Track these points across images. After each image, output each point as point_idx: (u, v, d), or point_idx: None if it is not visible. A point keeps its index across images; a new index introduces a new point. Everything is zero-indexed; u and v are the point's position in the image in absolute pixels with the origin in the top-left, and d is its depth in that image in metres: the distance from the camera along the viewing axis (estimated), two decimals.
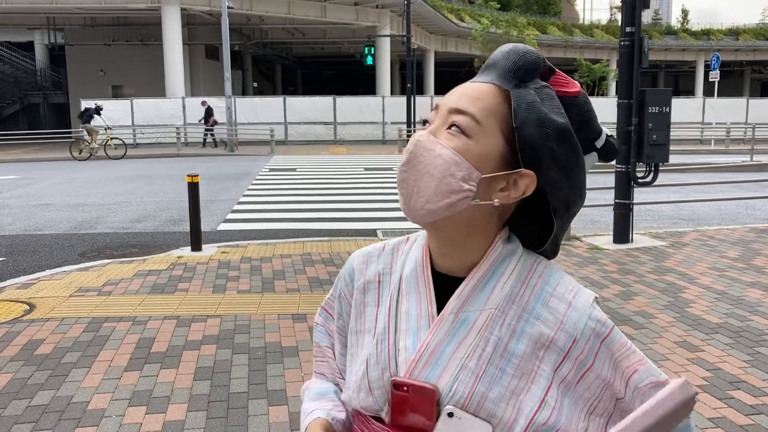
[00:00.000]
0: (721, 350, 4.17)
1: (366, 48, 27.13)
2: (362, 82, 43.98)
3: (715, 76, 25.20)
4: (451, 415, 0.89)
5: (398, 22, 32.21)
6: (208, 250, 7.16)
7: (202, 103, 24.23)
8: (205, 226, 8.24)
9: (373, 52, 27.32)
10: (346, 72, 49.15)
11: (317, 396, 1.09)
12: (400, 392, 0.92)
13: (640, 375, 0.92)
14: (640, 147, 7.10)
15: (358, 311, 1.04)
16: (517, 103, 0.90)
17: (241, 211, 10.45)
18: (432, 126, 0.94)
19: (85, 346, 4.33)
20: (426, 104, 26.88)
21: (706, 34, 47.03)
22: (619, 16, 9.91)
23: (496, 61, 0.94)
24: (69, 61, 33.27)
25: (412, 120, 24.61)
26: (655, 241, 7.47)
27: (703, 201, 10.28)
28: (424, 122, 0.96)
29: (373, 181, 14.10)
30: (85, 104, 22.64)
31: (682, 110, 25.37)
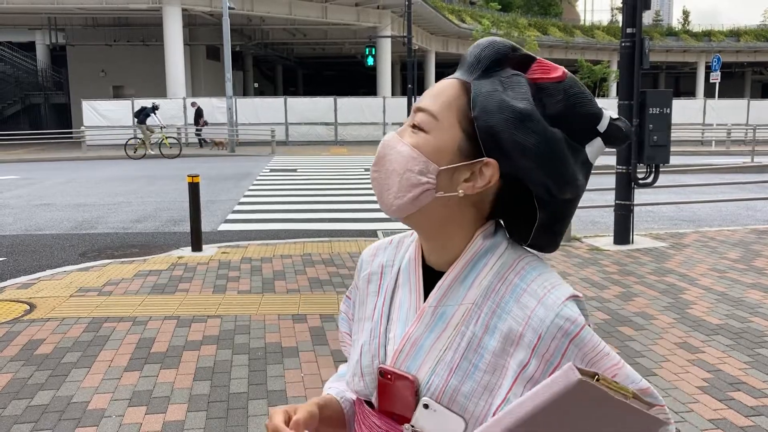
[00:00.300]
0: (722, 351, 4.17)
1: (367, 49, 27.15)
2: (363, 83, 44.01)
3: (716, 77, 25.18)
4: (427, 406, 0.92)
5: (399, 23, 32.26)
6: (209, 250, 7.16)
7: (192, 104, 24.26)
8: (205, 227, 8.24)
9: (374, 53, 27.34)
10: (347, 73, 49.18)
11: (336, 378, 1.17)
12: (385, 380, 0.96)
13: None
14: (641, 148, 7.11)
15: (362, 300, 1.08)
16: (476, 93, 0.91)
17: (242, 211, 10.45)
18: (403, 126, 0.97)
19: (86, 346, 4.33)
20: None
21: (707, 35, 47.05)
22: (620, 18, 9.94)
23: (465, 56, 0.97)
24: (70, 61, 33.28)
25: None
26: (656, 243, 7.47)
27: (704, 202, 10.28)
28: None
29: None
30: (141, 103, 22.67)
31: (683, 111, 25.36)
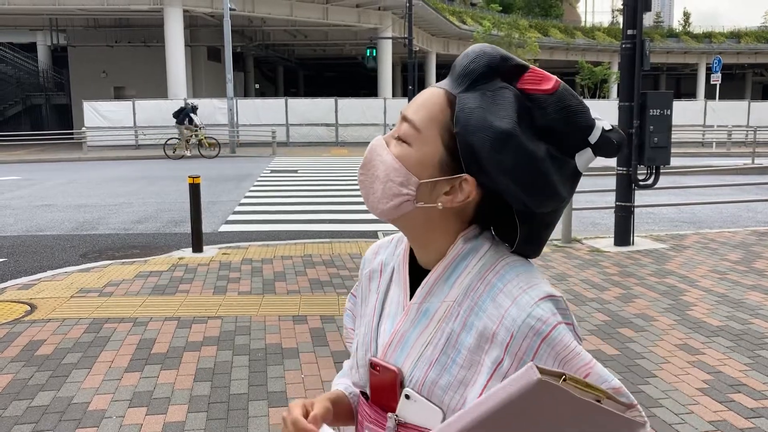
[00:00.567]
0: (722, 353, 4.17)
1: (368, 50, 27.14)
2: (364, 84, 44.00)
3: (717, 78, 25.18)
4: (408, 397, 0.96)
5: (400, 24, 32.28)
6: (209, 251, 7.17)
7: (185, 104, 24.26)
8: (206, 228, 8.25)
9: (374, 54, 27.32)
10: (348, 74, 49.19)
11: (343, 374, 1.22)
12: (375, 371, 1.01)
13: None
14: (642, 149, 7.10)
15: (364, 297, 1.13)
16: (460, 108, 0.91)
17: (243, 212, 10.46)
18: (392, 131, 0.99)
19: (86, 347, 4.33)
20: None
21: (708, 36, 47.04)
22: (620, 19, 9.93)
23: (455, 65, 0.96)
24: (71, 62, 33.29)
25: None
26: (656, 244, 7.47)
27: (705, 204, 10.28)
28: None
29: None
30: (181, 103, 22.71)
31: (684, 113, 25.34)
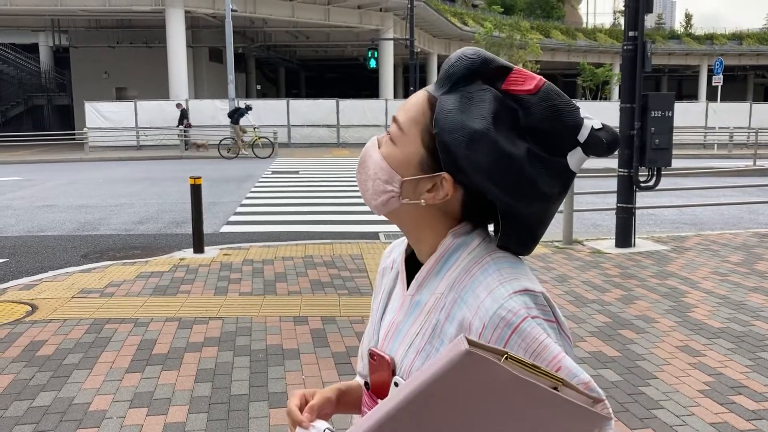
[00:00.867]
0: (723, 355, 4.16)
1: (369, 51, 27.15)
2: (365, 85, 44.00)
3: (719, 80, 25.18)
4: (397, 384, 1.00)
5: (401, 26, 32.28)
6: (211, 252, 7.17)
7: (177, 105, 24.27)
8: (207, 229, 8.25)
9: (376, 56, 27.34)
10: (350, 75, 49.20)
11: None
12: (372, 360, 1.06)
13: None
14: (643, 151, 7.10)
15: (376, 293, 1.18)
16: (438, 110, 0.95)
17: (244, 213, 10.46)
18: (386, 132, 1.05)
19: (87, 347, 4.34)
20: None
21: (710, 38, 46.99)
22: (622, 21, 9.93)
23: (441, 69, 1.01)
24: (73, 63, 33.32)
25: None
26: (658, 246, 7.46)
27: (706, 205, 10.27)
28: None
29: None
30: (235, 104, 22.71)
31: (685, 114, 25.30)
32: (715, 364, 4.02)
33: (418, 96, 1.00)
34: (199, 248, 7.13)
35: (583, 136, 0.94)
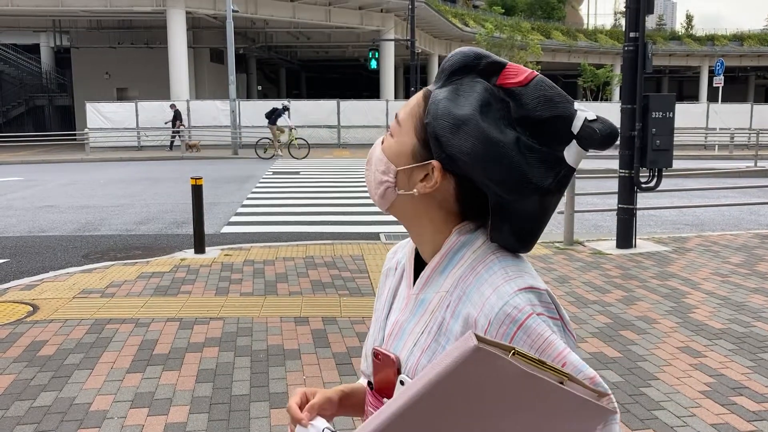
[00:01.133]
0: (724, 356, 4.16)
1: (370, 52, 27.14)
2: (366, 86, 44.03)
3: (720, 81, 25.17)
4: (402, 383, 1.00)
5: (403, 27, 32.28)
6: (212, 252, 7.17)
7: (171, 106, 24.29)
8: (208, 229, 8.25)
9: (377, 56, 27.33)
10: (351, 76, 49.23)
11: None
12: (377, 360, 1.06)
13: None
14: (644, 152, 7.10)
15: (379, 294, 1.19)
16: (431, 101, 0.99)
17: (245, 213, 10.46)
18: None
19: (88, 347, 4.34)
20: None
21: (711, 39, 46.98)
22: (623, 22, 9.93)
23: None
24: (74, 63, 33.35)
25: None
26: (658, 246, 7.46)
27: (707, 206, 10.26)
28: None
29: None
30: (273, 104, 22.72)
31: (686, 116, 25.30)
32: (716, 365, 4.02)
33: (418, 92, 1.05)
34: (200, 249, 7.13)
35: (576, 128, 0.94)
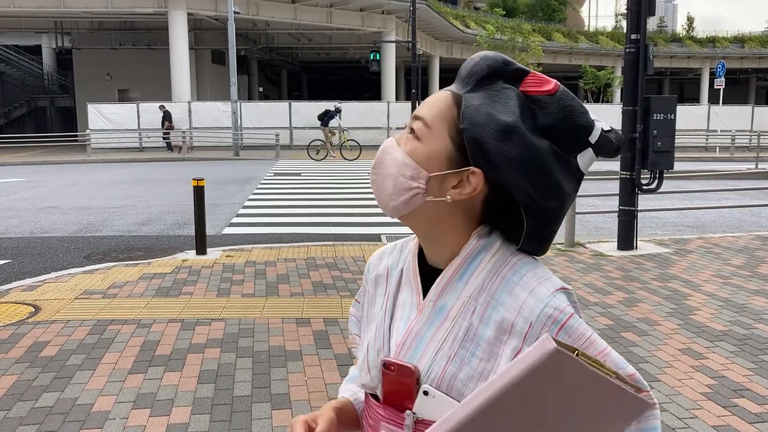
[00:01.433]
0: (726, 358, 4.16)
1: (371, 53, 27.15)
2: (367, 88, 44.06)
3: (721, 83, 25.15)
4: (426, 393, 0.98)
5: (404, 28, 32.29)
6: (213, 253, 7.18)
7: (160, 107, 24.33)
8: (209, 230, 8.26)
9: (378, 58, 27.34)
10: (352, 77, 49.26)
11: (349, 380, 1.24)
12: (388, 371, 1.01)
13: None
14: (645, 154, 7.10)
15: (371, 302, 1.15)
16: (465, 105, 0.97)
17: (246, 215, 10.47)
18: (401, 134, 1.03)
19: (90, 348, 4.35)
20: None
21: (712, 41, 46.99)
22: (624, 23, 9.95)
23: (460, 70, 1.02)
24: (76, 64, 33.40)
25: None
26: (660, 248, 7.46)
27: (708, 208, 10.26)
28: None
29: None
30: (326, 106, 22.98)
31: (687, 117, 25.30)
32: (718, 367, 4.02)
33: (441, 94, 1.01)
34: (201, 250, 7.14)
35: (594, 137, 0.97)
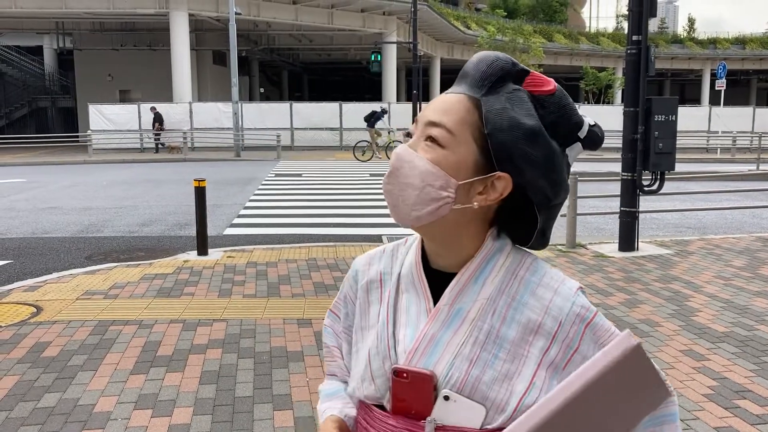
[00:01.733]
0: (727, 359, 4.16)
1: (372, 54, 27.17)
2: (368, 89, 44.08)
3: (722, 84, 25.14)
4: (447, 398, 0.96)
5: (405, 29, 32.30)
6: (214, 254, 7.18)
7: (151, 108, 24.40)
8: (211, 231, 8.26)
9: (379, 59, 27.36)
10: (353, 78, 49.28)
11: (329, 396, 1.16)
12: (400, 379, 0.98)
13: None
14: (646, 155, 7.10)
15: (363, 309, 1.10)
16: (487, 110, 0.96)
17: (247, 215, 10.48)
18: (412, 139, 0.99)
19: (92, 348, 4.35)
20: None
21: (713, 42, 46.98)
22: (625, 25, 9.96)
23: (467, 72, 1.00)
24: (77, 65, 33.43)
25: None
26: (661, 250, 7.46)
27: (709, 209, 10.26)
28: (408, 134, 1.02)
29: (379, 187, 14.09)
30: (372, 108, 23.16)
31: (688, 119, 25.28)
32: (720, 368, 4.02)
33: (454, 98, 0.98)
34: (202, 250, 7.14)
35: (583, 132, 1.01)
